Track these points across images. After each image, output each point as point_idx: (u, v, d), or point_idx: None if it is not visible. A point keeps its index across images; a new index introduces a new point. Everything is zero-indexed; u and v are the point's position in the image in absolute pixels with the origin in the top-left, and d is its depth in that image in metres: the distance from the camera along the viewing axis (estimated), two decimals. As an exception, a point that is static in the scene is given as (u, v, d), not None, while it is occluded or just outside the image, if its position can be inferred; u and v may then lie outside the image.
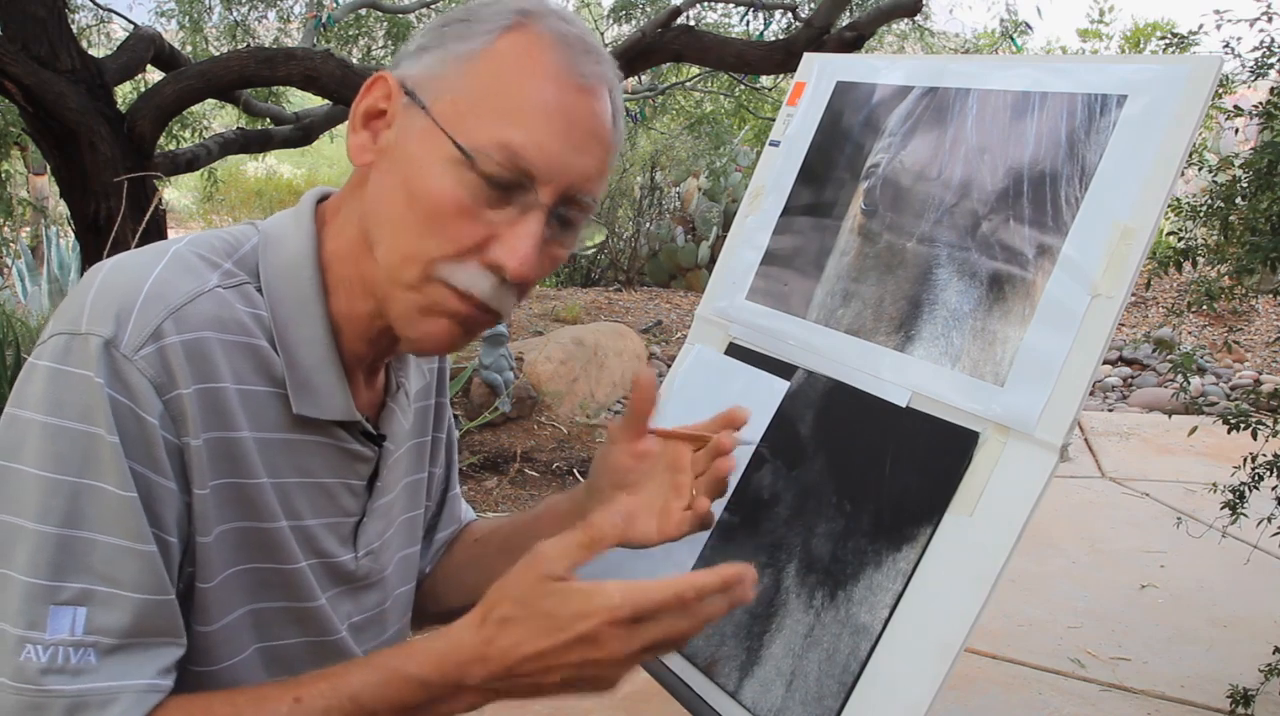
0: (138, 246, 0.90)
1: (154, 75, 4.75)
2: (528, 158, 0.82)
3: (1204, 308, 2.59)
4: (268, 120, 5.37)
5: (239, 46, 6.16)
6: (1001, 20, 6.87)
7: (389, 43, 6.54)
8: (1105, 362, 2.56)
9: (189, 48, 6.43)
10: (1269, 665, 2.61)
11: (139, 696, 0.79)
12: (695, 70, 6.75)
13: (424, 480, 1.11)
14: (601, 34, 7.15)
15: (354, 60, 5.81)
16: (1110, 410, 6.19)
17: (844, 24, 4.16)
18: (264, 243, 0.90)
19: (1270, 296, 7.00)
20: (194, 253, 0.86)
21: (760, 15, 5.29)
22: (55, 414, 0.77)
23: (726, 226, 8.75)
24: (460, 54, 0.84)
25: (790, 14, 5.23)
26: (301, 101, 7.02)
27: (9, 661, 0.76)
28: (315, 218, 0.93)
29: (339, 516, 0.96)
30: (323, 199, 0.96)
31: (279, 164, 14.91)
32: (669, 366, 2.19)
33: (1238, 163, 2.56)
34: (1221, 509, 2.58)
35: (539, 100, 0.82)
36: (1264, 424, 2.49)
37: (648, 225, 9.66)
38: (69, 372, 0.78)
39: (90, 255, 3.60)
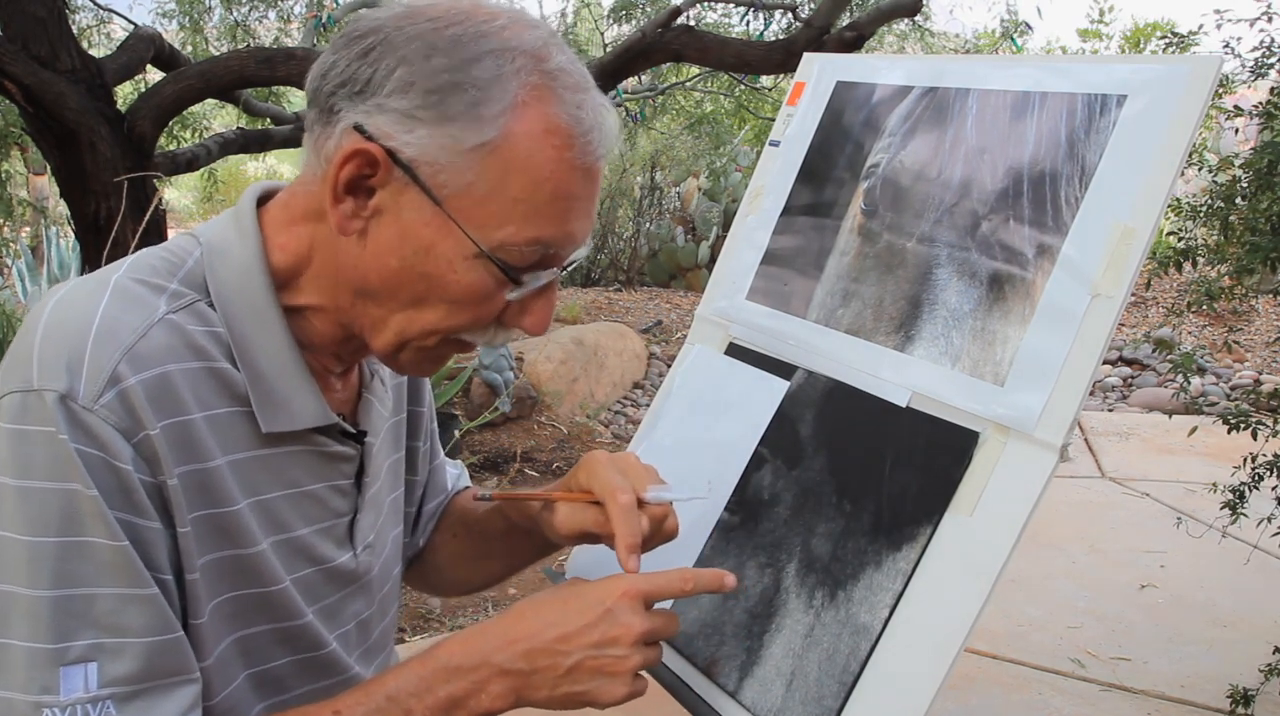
0: (138, 247, 0.89)
1: (154, 75, 4.75)
2: (559, 246, 0.85)
3: (1204, 308, 2.58)
4: (268, 120, 5.37)
5: (239, 46, 6.16)
6: (1001, 20, 6.88)
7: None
8: (1105, 362, 2.56)
9: (189, 48, 6.42)
10: (1269, 665, 2.61)
11: None
12: (695, 70, 6.74)
13: (402, 458, 1.12)
14: (601, 34, 7.15)
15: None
16: (1110, 410, 6.19)
17: (844, 24, 4.16)
18: (208, 254, 0.87)
19: (1270, 296, 7.00)
20: (135, 279, 0.84)
21: (760, 15, 5.29)
22: (26, 476, 0.75)
23: (726, 226, 8.75)
24: (468, 145, 0.79)
25: (790, 14, 5.22)
26: (301, 101, 7.02)
27: None
28: (258, 220, 0.89)
29: (331, 519, 0.96)
30: (264, 195, 0.92)
31: (279, 164, 14.90)
32: (669, 366, 2.19)
33: (1238, 163, 2.55)
34: (1221, 509, 2.57)
35: (564, 193, 0.82)
36: (1264, 424, 2.49)
37: (648, 225, 9.65)
38: (30, 432, 0.75)
39: (90, 255, 3.60)
